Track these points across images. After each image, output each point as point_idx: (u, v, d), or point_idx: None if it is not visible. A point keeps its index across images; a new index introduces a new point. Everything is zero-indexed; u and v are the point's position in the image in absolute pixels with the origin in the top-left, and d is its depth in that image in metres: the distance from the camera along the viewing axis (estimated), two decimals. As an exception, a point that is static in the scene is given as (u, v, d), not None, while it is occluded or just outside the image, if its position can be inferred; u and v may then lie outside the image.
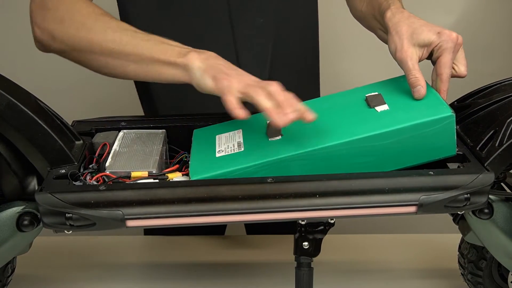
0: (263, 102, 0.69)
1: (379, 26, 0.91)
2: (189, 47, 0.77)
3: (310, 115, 0.69)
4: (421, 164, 0.75)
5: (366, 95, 0.78)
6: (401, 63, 0.79)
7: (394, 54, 0.81)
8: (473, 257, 0.88)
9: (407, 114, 0.74)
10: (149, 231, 1.19)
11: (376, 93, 0.79)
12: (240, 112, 0.70)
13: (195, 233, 1.14)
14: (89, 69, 0.83)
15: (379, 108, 0.76)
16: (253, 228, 1.25)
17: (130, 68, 0.79)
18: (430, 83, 0.80)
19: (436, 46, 0.78)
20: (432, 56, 0.80)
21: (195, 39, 0.95)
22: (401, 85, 0.80)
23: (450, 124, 0.72)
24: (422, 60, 0.81)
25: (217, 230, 1.21)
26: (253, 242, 1.13)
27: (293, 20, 1.04)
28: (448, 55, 0.78)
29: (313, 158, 0.72)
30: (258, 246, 1.11)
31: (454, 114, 0.72)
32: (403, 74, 0.80)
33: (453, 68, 0.80)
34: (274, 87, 0.70)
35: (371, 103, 0.77)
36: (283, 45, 1.03)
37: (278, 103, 0.68)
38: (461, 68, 0.80)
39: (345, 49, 1.79)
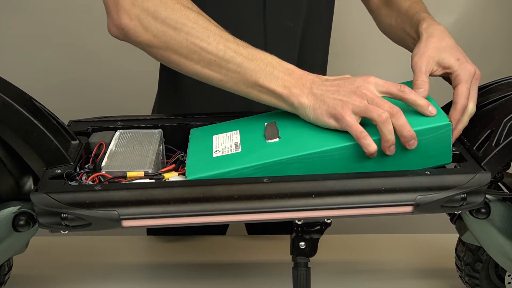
0: (388, 135, 0.70)
1: (408, 38, 0.92)
2: (291, 73, 0.75)
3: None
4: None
5: None
6: (414, 66, 0.80)
7: (413, 56, 0.82)
8: (469, 260, 0.88)
9: None
10: (152, 231, 1.19)
11: None
12: (376, 154, 0.71)
13: (196, 233, 1.14)
14: (173, 68, 0.79)
15: None
16: (254, 229, 1.25)
17: (228, 85, 0.76)
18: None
19: (453, 73, 0.79)
20: (451, 82, 0.81)
21: None
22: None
23: (446, 133, 0.72)
24: (432, 75, 0.81)
25: (219, 230, 1.21)
26: (252, 242, 1.13)
27: (316, 25, 1.04)
28: (465, 85, 0.78)
29: (310, 161, 0.72)
30: (258, 246, 1.11)
31: (451, 123, 0.72)
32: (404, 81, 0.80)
33: None
34: (402, 119, 0.70)
35: None
36: (305, 50, 1.03)
37: (401, 136, 0.70)
38: (470, 105, 0.79)
39: (352, 53, 1.78)
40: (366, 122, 0.72)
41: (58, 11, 1.64)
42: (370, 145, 0.70)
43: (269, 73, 0.74)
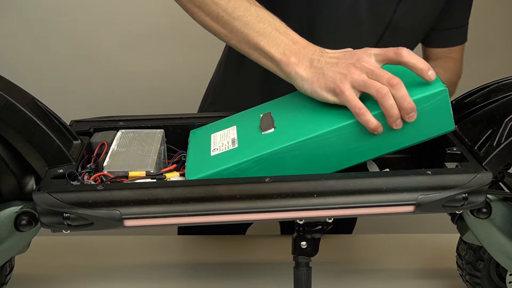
0: (390, 110, 0.68)
1: None
2: (296, 43, 0.74)
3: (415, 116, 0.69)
4: (422, 142, 0.74)
5: None
6: None
7: None
8: (471, 258, 0.88)
9: None
10: (183, 230, 1.18)
11: None
12: (381, 129, 0.69)
13: (218, 233, 1.14)
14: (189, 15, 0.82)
15: None
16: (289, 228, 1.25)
17: (232, 42, 0.78)
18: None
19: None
20: None
21: None
22: (393, 66, 0.77)
23: (443, 99, 0.71)
24: None
25: (238, 230, 1.21)
26: (253, 242, 1.13)
27: None
28: None
29: (307, 147, 0.71)
30: (259, 246, 1.11)
31: (446, 88, 0.71)
32: None
33: None
34: (402, 91, 0.68)
35: None
36: None
37: (401, 108, 0.68)
38: None
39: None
40: (367, 96, 0.70)
41: (62, 11, 1.64)
42: (370, 120, 0.68)
43: (273, 38, 0.74)
